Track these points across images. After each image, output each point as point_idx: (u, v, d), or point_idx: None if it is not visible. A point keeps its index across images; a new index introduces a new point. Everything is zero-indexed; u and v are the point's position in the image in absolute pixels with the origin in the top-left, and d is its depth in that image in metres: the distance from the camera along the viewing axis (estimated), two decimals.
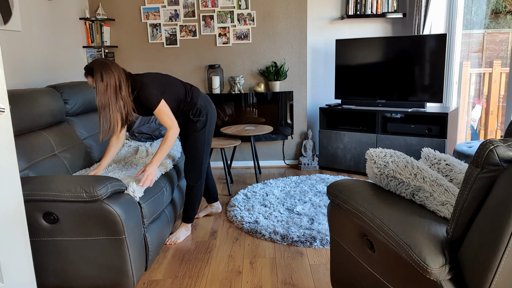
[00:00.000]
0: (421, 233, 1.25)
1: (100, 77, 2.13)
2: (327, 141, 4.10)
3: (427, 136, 3.64)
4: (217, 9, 4.10)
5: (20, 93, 2.33)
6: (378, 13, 4.02)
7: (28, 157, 2.21)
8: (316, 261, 2.34)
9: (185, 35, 4.16)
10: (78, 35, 3.78)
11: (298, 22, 4.13)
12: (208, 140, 2.54)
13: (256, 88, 4.17)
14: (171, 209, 2.62)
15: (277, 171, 4.21)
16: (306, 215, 2.91)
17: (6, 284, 1.55)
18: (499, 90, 4.32)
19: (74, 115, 2.92)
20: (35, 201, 1.87)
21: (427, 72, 3.68)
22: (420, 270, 1.19)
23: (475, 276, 1.09)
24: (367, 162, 1.65)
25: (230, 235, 2.72)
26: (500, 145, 1.08)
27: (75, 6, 3.75)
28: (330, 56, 4.30)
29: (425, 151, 1.72)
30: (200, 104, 2.48)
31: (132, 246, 1.96)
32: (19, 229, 1.59)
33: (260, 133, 3.63)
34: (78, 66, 3.76)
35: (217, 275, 2.22)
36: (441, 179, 1.46)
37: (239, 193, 3.44)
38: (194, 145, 2.51)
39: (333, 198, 1.69)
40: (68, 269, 1.96)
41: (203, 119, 2.49)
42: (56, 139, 2.53)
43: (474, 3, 4.07)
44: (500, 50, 4.27)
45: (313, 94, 4.41)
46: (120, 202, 1.92)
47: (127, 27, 4.17)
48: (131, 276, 1.97)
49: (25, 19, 2.93)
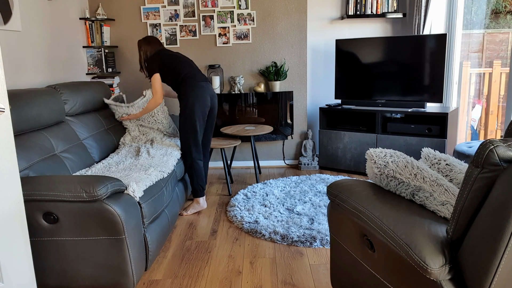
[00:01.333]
0: (421, 233, 1.25)
1: (140, 47, 3.09)
2: (327, 141, 4.10)
3: (427, 136, 3.64)
4: (217, 9, 4.10)
5: (20, 93, 2.33)
6: (378, 13, 4.02)
7: (28, 157, 2.21)
8: (316, 261, 2.34)
9: (185, 35, 4.16)
10: (78, 35, 3.78)
11: (298, 22, 4.13)
12: (192, 120, 2.89)
13: (256, 88, 4.17)
14: (171, 209, 2.62)
15: (277, 171, 4.21)
16: (306, 215, 2.91)
17: (6, 284, 1.55)
18: (499, 90, 4.32)
19: (74, 115, 2.92)
20: (35, 201, 1.87)
21: (427, 72, 3.68)
22: (420, 270, 1.19)
23: (475, 276, 1.09)
24: (367, 162, 1.65)
25: (230, 235, 2.72)
26: (500, 145, 1.08)
27: (75, 6, 3.75)
28: (330, 56, 4.30)
29: (425, 151, 1.72)
30: (184, 89, 2.92)
31: (132, 246, 1.96)
32: (19, 229, 1.59)
33: (260, 133, 3.63)
34: (78, 66, 3.76)
35: (217, 275, 2.22)
36: (441, 179, 1.46)
37: (239, 193, 3.44)
38: (181, 125, 2.94)
39: (333, 198, 1.69)
40: (68, 269, 1.96)
41: (184, 101, 2.90)
42: (56, 139, 2.53)
43: (474, 3, 4.07)
44: (500, 50, 4.27)
45: (313, 94, 4.41)
46: (120, 202, 1.92)
47: (127, 27, 4.17)
48: (131, 276, 1.97)
49: (25, 19, 2.93)
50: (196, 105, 2.89)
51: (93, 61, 3.91)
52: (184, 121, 2.90)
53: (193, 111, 2.89)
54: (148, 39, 3.08)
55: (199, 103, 2.90)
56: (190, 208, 3.08)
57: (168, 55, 3.02)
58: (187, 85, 2.92)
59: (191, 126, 2.90)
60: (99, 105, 3.26)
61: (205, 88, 2.94)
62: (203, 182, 3.06)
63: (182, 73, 2.96)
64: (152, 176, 2.37)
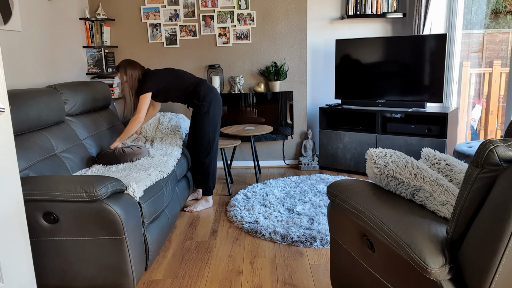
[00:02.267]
0: (421, 233, 1.25)
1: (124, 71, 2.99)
2: (327, 141, 4.10)
3: (427, 136, 3.64)
4: (217, 9, 4.10)
5: (20, 93, 2.33)
6: (378, 13, 4.02)
7: (28, 157, 2.21)
8: (316, 261, 2.34)
9: (185, 35, 4.16)
10: (78, 35, 3.78)
11: (298, 22, 4.13)
12: (213, 121, 3.03)
13: (256, 88, 4.17)
14: (171, 209, 2.62)
15: (277, 171, 4.21)
16: (306, 215, 2.91)
17: (6, 284, 1.55)
18: (499, 90, 4.32)
19: (74, 115, 2.92)
20: (35, 201, 1.87)
21: (427, 72, 3.68)
22: (420, 270, 1.19)
23: (475, 276, 1.09)
24: (367, 162, 1.65)
25: (230, 235, 2.72)
26: (500, 145, 1.08)
27: (75, 6, 3.75)
28: (330, 56, 4.30)
29: (425, 151, 1.72)
30: (203, 92, 2.99)
31: (132, 246, 1.96)
32: (19, 229, 1.59)
33: (260, 133, 3.63)
34: (78, 66, 3.76)
35: (217, 275, 2.22)
36: (441, 179, 1.46)
37: (239, 193, 3.44)
38: (202, 126, 3.02)
39: (333, 198, 1.69)
40: (68, 269, 1.96)
41: (206, 104, 2.98)
42: (56, 139, 2.53)
43: (474, 3, 4.07)
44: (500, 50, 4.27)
45: (313, 94, 4.41)
46: (120, 202, 1.92)
47: (127, 27, 4.17)
48: (131, 276, 1.97)
49: (25, 19, 2.93)
50: (216, 107, 3.03)
51: (93, 61, 3.91)
52: (205, 122, 3.01)
53: (215, 113, 3.02)
54: (130, 62, 3.01)
55: (218, 105, 3.05)
56: (199, 205, 3.16)
57: (164, 71, 3.05)
58: (202, 90, 3.00)
59: (214, 126, 3.04)
60: (99, 105, 3.26)
61: (217, 91, 3.09)
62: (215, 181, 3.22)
63: (190, 82, 3.04)
64: (152, 176, 2.37)
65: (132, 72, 2.98)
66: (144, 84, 2.95)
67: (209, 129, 3.03)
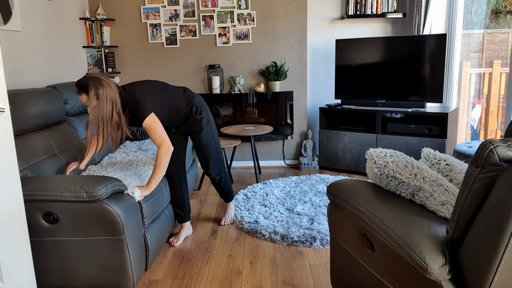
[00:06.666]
0: (421, 233, 1.25)
1: (95, 94, 2.07)
2: (327, 141, 4.10)
3: (427, 136, 3.64)
4: (217, 9, 4.10)
5: (20, 93, 2.33)
6: (378, 13, 4.02)
7: (28, 157, 2.21)
8: (316, 261, 2.34)
9: (185, 35, 4.16)
10: (78, 35, 3.78)
11: (298, 22, 4.13)
12: (215, 131, 2.67)
13: (256, 88, 4.17)
14: (171, 209, 2.62)
15: (277, 171, 4.21)
16: (306, 215, 2.91)
17: (6, 284, 1.55)
18: (499, 90, 4.32)
19: (74, 115, 2.92)
20: (35, 201, 1.86)
21: (427, 72, 3.68)
22: (420, 270, 1.19)
23: (475, 276, 1.09)
24: (367, 162, 1.65)
25: (230, 235, 2.72)
26: (500, 145, 1.08)
27: (75, 6, 3.75)
28: (330, 56, 4.30)
29: (425, 151, 1.72)
30: (197, 102, 2.53)
31: (132, 246, 1.96)
32: (19, 229, 1.59)
33: (260, 133, 3.63)
34: (78, 66, 3.76)
35: (217, 275, 2.22)
36: (441, 179, 1.46)
37: (239, 193, 3.44)
38: (207, 141, 2.60)
39: (333, 198, 1.69)
40: (68, 269, 1.96)
41: (205, 115, 2.56)
42: (56, 139, 2.53)
43: (474, 3, 4.07)
44: (500, 50, 4.27)
45: (313, 94, 4.41)
46: (120, 202, 1.92)
47: (127, 27, 4.17)
48: (131, 276, 1.97)
49: (25, 19, 2.93)
50: (211, 119, 2.65)
51: (93, 61, 3.91)
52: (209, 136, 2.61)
53: (213, 124, 2.67)
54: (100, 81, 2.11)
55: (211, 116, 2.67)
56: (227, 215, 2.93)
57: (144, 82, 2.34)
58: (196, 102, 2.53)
59: (216, 138, 2.69)
60: None
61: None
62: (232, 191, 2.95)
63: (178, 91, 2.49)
64: None
65: (109, 93, 2.11)
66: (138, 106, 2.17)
67: (212, 143, 2.63)
